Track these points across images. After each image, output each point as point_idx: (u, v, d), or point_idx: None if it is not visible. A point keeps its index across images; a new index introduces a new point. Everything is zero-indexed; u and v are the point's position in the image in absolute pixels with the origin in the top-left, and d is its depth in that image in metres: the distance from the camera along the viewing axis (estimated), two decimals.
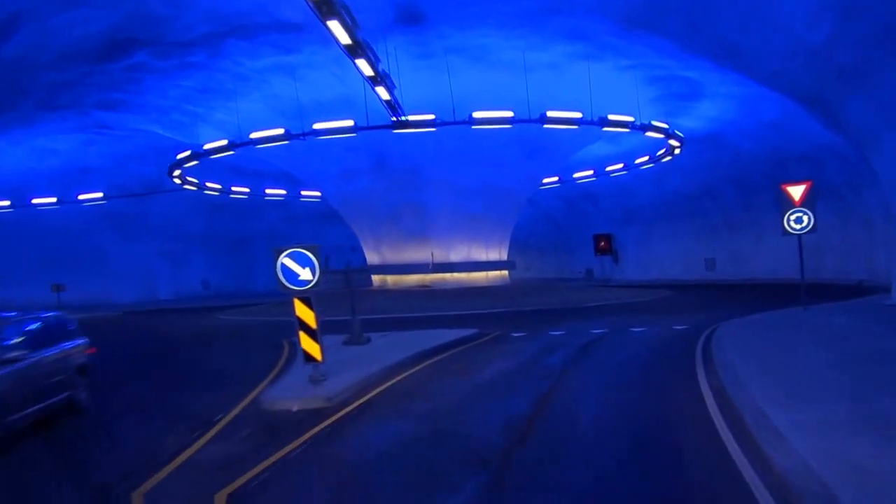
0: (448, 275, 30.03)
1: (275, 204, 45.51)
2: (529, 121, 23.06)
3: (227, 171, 39.44)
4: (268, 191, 41.59)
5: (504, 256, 33.90)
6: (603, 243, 46.84)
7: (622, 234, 46.52)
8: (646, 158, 34.67)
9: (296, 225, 46.98)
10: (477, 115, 22.78)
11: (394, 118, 21.97)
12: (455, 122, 22.55)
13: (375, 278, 32.50)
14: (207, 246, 44.99)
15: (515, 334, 15.26)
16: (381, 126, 22.39)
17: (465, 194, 29.02)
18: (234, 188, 38.70)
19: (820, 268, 33.06)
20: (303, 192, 42.27)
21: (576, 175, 39.96)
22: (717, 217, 39.18)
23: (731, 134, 32.28)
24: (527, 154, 29.04)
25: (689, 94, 28.51)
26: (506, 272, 34.25)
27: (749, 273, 37.50)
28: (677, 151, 30.70)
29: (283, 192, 42.47)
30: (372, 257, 32.73)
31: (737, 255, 38.61)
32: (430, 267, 29.49)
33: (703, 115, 30.13)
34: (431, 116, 22.51)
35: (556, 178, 41.51)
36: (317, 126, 23.18)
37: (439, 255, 29.92)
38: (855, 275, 30.16)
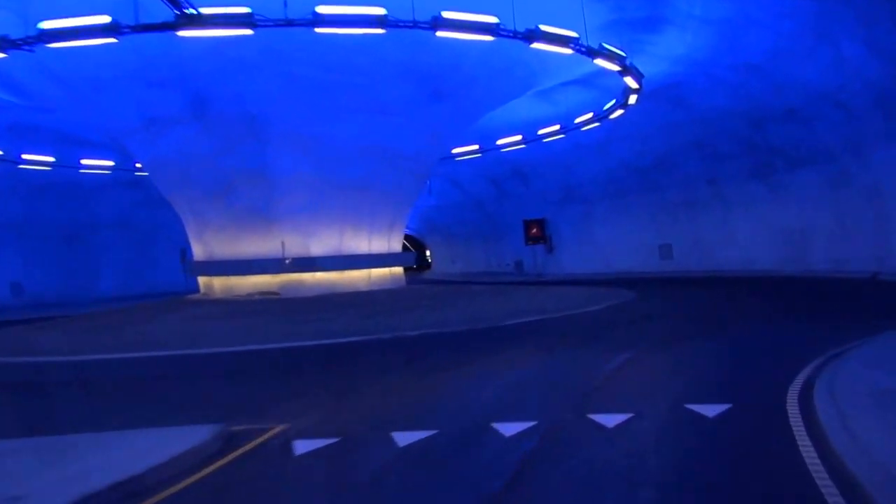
0: (308, 275, 20.99)
1: (130, 181, 35.16)
2: (414, 25, 14.37)
3: (59, 141, 29.28)
4: (86, 161, 31.36)
5: (396, 247, 25.11)
6: (534, 230, 38.83)
7: (558, 217, 38.59)
8: (588, 116, 26.60)
9: (159, 210, 36.80)
10: (325, 10, 13.85)
11: (176, 11, 12.79)
12: (287, 24, 13.59)
13: (201, 280, 23.06)
14: (24, 238, 34.27)
15: (300, 449, 5.99)
16: (152, 26, 13.16)
17: (335, 156, 20.17)
18: (26, 156, 28.34)
19: (807, 256, 25.86)
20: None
21: (501, 141, 31.57)
22: (675, 193, 31.64)
23: (698, 83, 24.51)
24: (428, 97, 20.38)
25: (650, 22, 20.50)
26: (398, 269, 25.44)
27: (714, 263, 30.13)
28: (633, 101, 22.68)
29: (108, 163, 32.24)
30: (196, 249, 23.46)
31: (699, 240, 31.18)
32: (287, 263, 20.35)
33: (665, 53, 22.15)
34: (244, 10, 13.42)
35: (475, 147, 33.01)
36: (48, 25, 13.68)
37: (294, 245, 20.84)
38: (855, 264, 22.97)
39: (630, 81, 20.03)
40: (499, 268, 46.75)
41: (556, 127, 28.52)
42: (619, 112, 24.11)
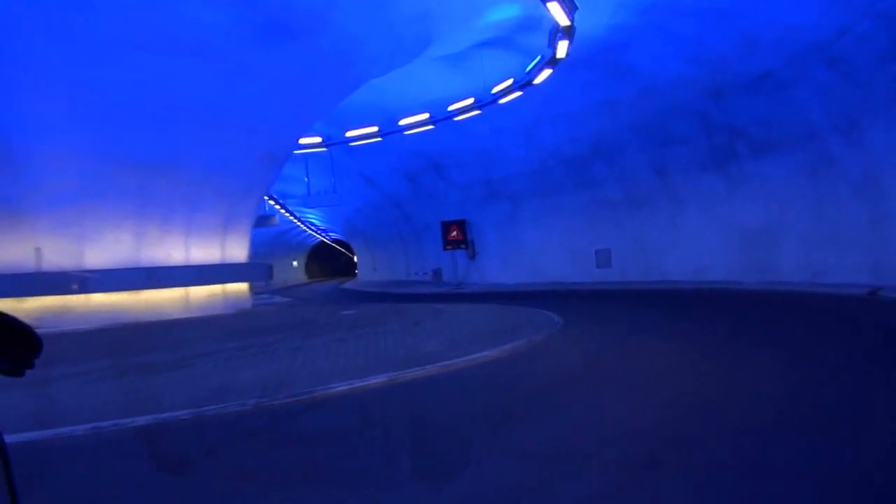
0: (79, 299, 14.25)
1: None
2: None
3: None
4: None
5: (236, 255, 18.59)
6: (454, 232, 32.88)
7: (481, 218, 32.72)
8: (508, 83, 20.75)
9: None
10: None
11: None
12: None
13: None
14: None
15: None
16: None
17: (120, 117, 13.53)
18: None
19: (775, 265, 20.65)
20: None
21: (406, 121, 25.43)
22: (616, 188, 26.17)
23: (644, 42, 19.02)
24: (261, 34, 14.04)
25: None
26: (243, 287, 18.90)
27: (660, 272, 24.75)
28: (563, 51, 16.91)
29: None
30: None
31: (643, 245, 25.79)
32: (74, 288, 13.56)
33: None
34: None
35: (374, 129, 26.79)
36: None
37: (57, 253, 14.13)
38: (839, 276, 17.81)
39: (557, 12, 14.14)
40: (417, 276, 40.63)
41: (470, 101, 22.58)
42: (546, 73, 18.32)
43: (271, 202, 43.28)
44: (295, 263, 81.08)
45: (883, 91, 15.47)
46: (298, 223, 59.94)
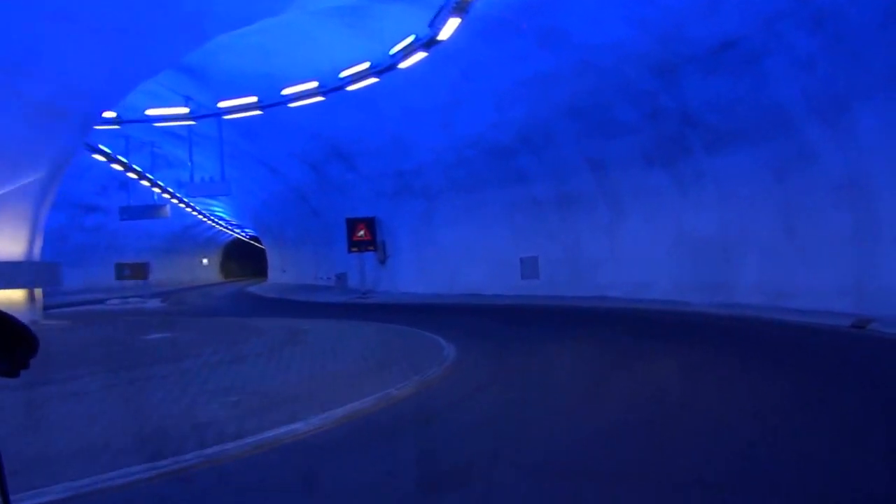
0: None
1: None
2: None
3: None
4: None
5: (14, 251, 13.45)
6: (361, 232, 28.25)
7: (393, 216, 28.21)
8: (409, 41, 16.33)
9: None
10: None
11: None
12: None
13: None
14: None
15: None
16: None
17: None
18: None
19: (729, 283, 16.99)
20: None
21: (289, 91, 20.62)
22: (546, 185, 22.16)
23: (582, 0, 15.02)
24: None
25: None
26: (17, 294, 13.74)
27: (595, 287, 20.83)
28: None
29: None
30: None
31: (576, 254, 21.87)
32: None
33: None
34: None
35: (253, 100, 21.91)
36: None
37: None
38: (809, 300, 14.18)
39: None
40: (323, 281, 35.78)
41: (366, 65, 18.04)
42: (454, 23, 13.96)
43: (157, 190, 37.59)
44: (205, 261, 74.42)
45: (881, 63, 11.89)
46: (202, 217, 53.90)
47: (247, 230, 64.11)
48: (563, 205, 21.82)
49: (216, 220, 57.74)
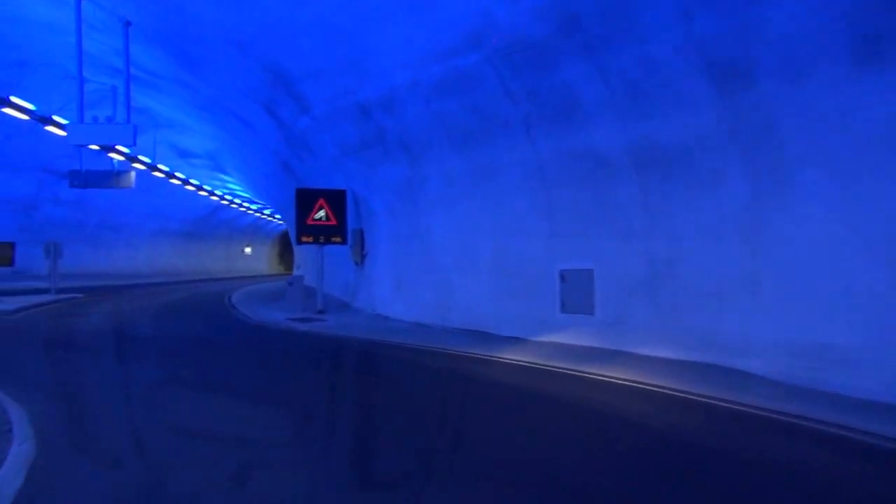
0: None
1: None
2: None
3: None
4: None
5: None
6: (321, 213, 17.68)
7: (369, 187, 17.57)
8: None
9: None
10: None
11: None
12: None
13: None
14: None
15: None
16: None
17: None
18: None
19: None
20: None
21: None
22: (612, 125, 10.77)
23: None
24: None
25: None
26: None
27: (708, 346, 9.34)
28: None
29: None
30: None
31: (670, 269, 10.37)
32: None
33: None
34: None
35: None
36: None
37: None
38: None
39: None
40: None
41: None
42: None
43: (118, 157, 29.00)
44: (248, 250, 66.90)
45: None
46: (216, 196, 45.58)
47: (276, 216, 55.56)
48: (650, 167, 10.38)
49: (233, 198, 49.37)
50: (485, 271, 13.64)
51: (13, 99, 18.91)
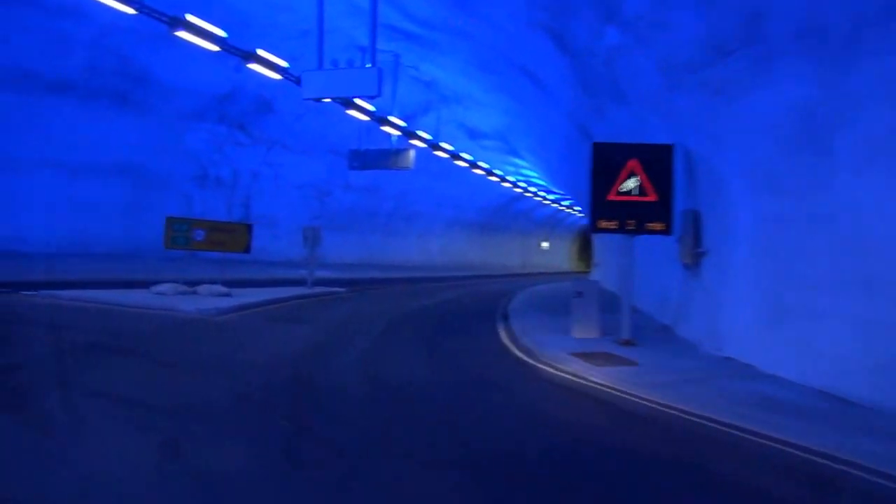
0: None
1: None
2: None
3: None
4: None
5: None
6: (631, 182, 10.96)
7: (714, 139, 10.23)
8: None
9: None
10: None
11: None
12: None
13: None
14: None
15: None
16: None
17: None
18: None
19: None
20: None
21: None
22: None
23: None
24: None
25: None
26: None
27: None
28: None
29: None
30: None
31: None
32: None
33: None
34: None
35: None
36: None
37: None
38: None
39: None
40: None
41: None
42: None
43: (394, 131, 26.14)
44: (545, 245, 62.62)
45: None
46: (508, 183, 41.42)
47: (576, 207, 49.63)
48: None
49: (527, 185, 44.77)
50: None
51: (259, 52, 16.09)
